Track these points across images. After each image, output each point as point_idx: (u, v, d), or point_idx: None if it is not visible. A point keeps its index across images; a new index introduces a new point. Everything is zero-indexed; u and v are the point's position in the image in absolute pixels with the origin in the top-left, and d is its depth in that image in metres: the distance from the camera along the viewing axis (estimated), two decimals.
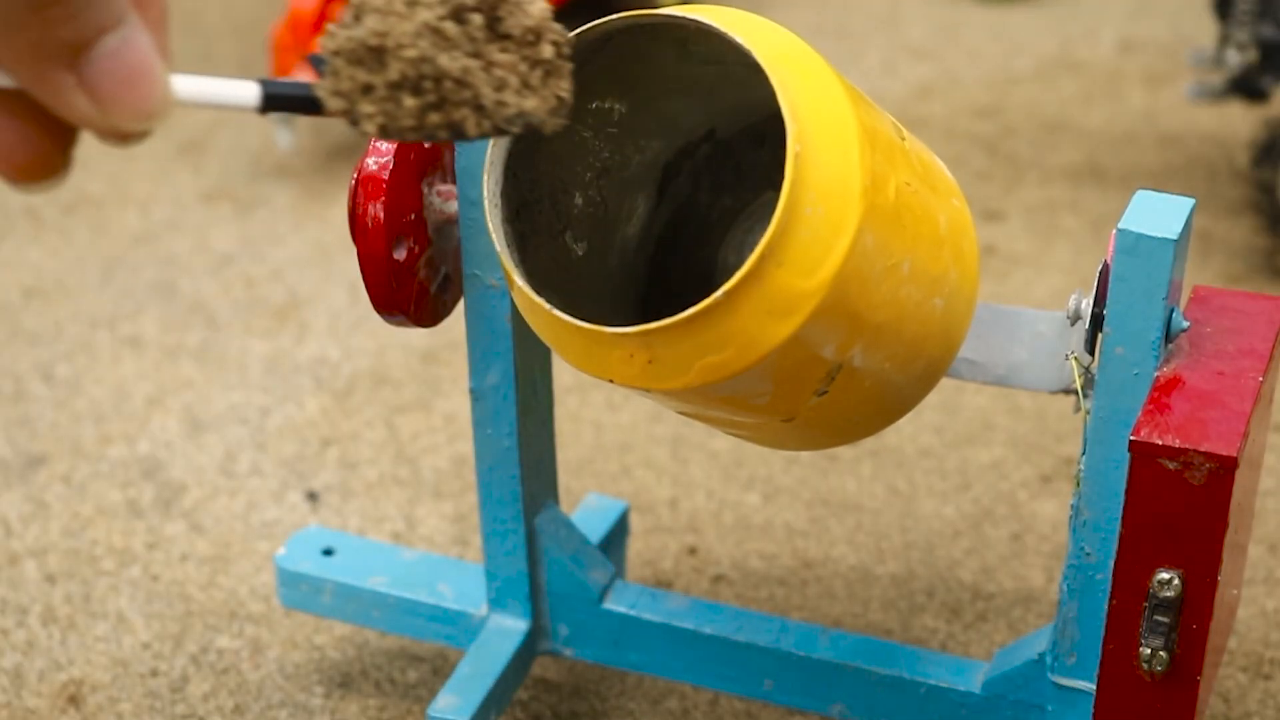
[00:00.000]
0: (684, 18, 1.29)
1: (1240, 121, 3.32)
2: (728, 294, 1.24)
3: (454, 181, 1.58)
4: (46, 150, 0.74)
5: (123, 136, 0.73)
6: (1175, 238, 1.38)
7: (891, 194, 1.31)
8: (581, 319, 1.32)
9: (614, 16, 1.31)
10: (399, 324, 1.58)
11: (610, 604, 1.77)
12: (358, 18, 0.75)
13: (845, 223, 1.26)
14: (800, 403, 1.36)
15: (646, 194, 1.60)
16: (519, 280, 1.31)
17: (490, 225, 1.32)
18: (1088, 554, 1.52)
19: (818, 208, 1.25)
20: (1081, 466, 1.49)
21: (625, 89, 1.47)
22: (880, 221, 1.29)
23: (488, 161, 1.33)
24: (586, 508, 2.00)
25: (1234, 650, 2.00)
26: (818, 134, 1.26)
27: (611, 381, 1.32)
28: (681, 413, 1.44)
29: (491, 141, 1.33)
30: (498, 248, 1.32)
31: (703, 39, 1.33)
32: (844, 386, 1.37)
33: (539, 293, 1.33)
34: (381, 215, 1.50)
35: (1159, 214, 1.41)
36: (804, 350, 1.29)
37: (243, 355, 2.62)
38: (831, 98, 1.28)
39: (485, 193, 1.33)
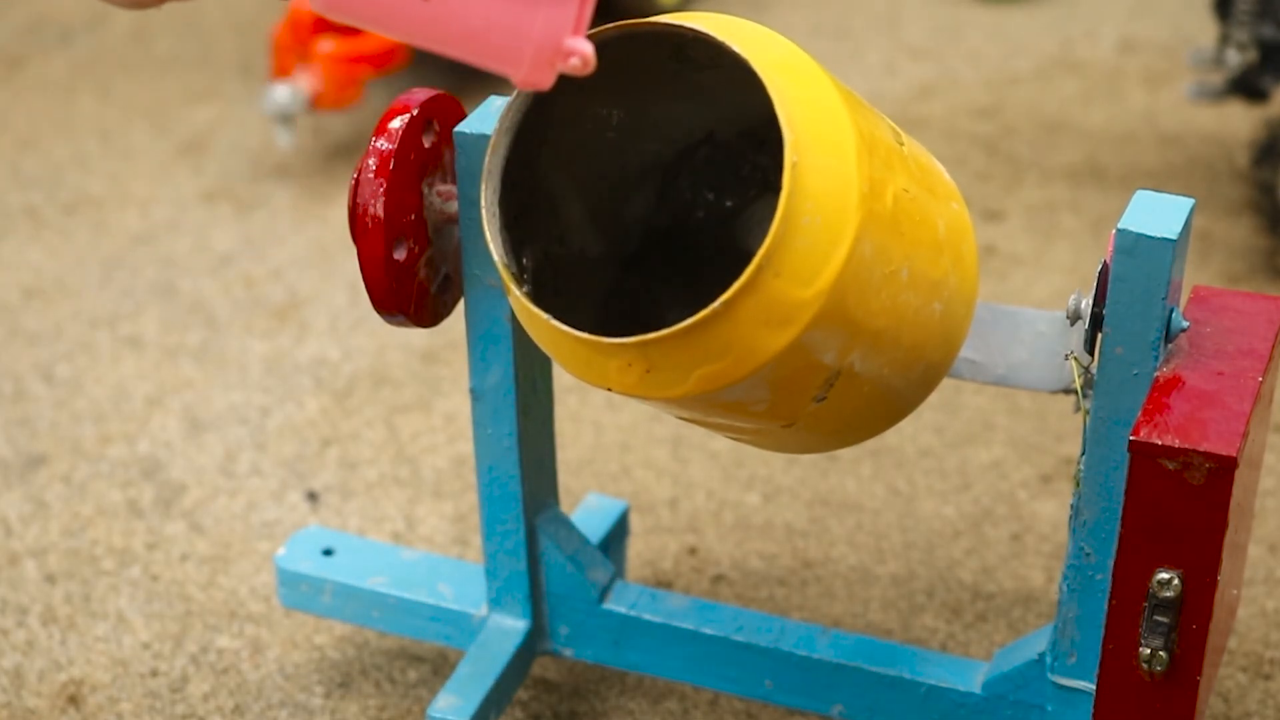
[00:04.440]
0: (681, 26, 1.29)
1: (1240, 121, 3.32)
2: (725, 304, 1.24)
3: (454, 181, 1.58)
4: None
5: None
6: (1175, 238, 1.38)
7: (889, 200, 1.31)
8: (580, 325, 1.32)
9: (612, 25, 1.31)
10: (399, 324, 1.58)
11: (610, 604, 1.77)
12: None
13: (843, 231, 1.26)
14: (799, 409, 1.36)
15: (645, 197, 1.60)
16: (517, 290, 1.31)
17: (488, 233, 1.32)
18: (1088, 554, 1.52)
19: (815, 217, 1.25)
20: (1081, 466, 1.49)
21: (623, 94, 1.47)
22: (878, 229, 1.29)
23: (485, 171, 1.33)
24: (586, 508, 2.00)
25: (1234, 650, 2.00)
26: (815, 143, 1.26)
27: (610, 390, 1.32)
28: (681, 418, 1.44)
29: (489, 150, 1.34)
30: (495, 256, 1.32)
31: (700, 45, 1.33)
32: (843, 392, 1.37)
33: (537, 299, 1.33)
34: (381, 215, 1.50)
35: (1159, 214, 1.41)
36: (802, 358, 1.29)
37: (243, 355, 2.62)
38: (828, 106, 1.28)
39: (483, 201, 1.33)
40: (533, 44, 0.79)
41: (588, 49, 0.80)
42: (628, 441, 2.39)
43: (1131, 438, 1.33)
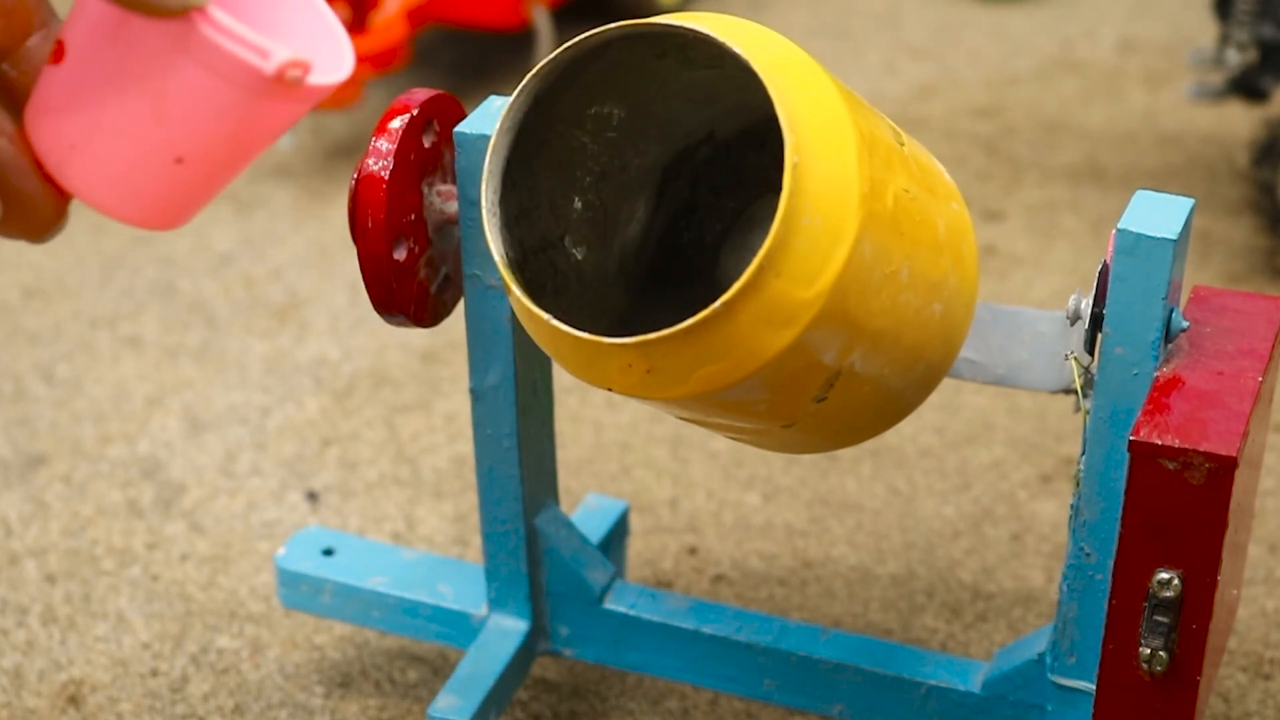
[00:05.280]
0: (682, 26, 1.29)
1: (1240, 121, 3.32)
2: (726, 305, 1.24)
3: (454, 182, 1.58)
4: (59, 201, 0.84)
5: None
6: (1175, 238, 1.38)
7: (890, 201, 1.31)
8: (581, 325, 1.32)
9: (613, 25, 1.31)
10: (399, 324, 1.58)
11: (610, 604, 1.77)
12: None
13: (844, 231, 1.26)
14: (799, 409, 1.36)
15: (646, 197, 1.60)
16: (517, 290, 1.31)
17: (488, 234, 1.32)
18: (1088, 554, 1.52)
19: (816, 217, 1.25)
20: (1081, 466, 1.49)
21: (624, 94, 1.47)
22: (879, 229, 1.29)
23: (485, 171, 1.33)
24: (586, 508, 2.00)
25: (1234, 650, 2.00)
26: (815, 143, 1.26)
27: (610, 390, 1.32)
28: (681, 418, 1.44)
29: (489, 149, 1.34)
30: (495, 257, 1.31)
31: (701, 45, 1.33)
32: (843, 393, 1.37)
33: (538, 299, 1.33)
34: (381, 215, 1.50)
35: (1159, 214, 1.41)
36: (803, 358, 1.29)
37: (243, 355, 2.62)
38: (829, 106, 1.28)
39: (483, 202, 1.33)
40: (273, 95, 0.80)
41: (282, 55, 0.79)
42: (628, 441, 2.39)
43: (1131, 438, 1.33)
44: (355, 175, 1.51)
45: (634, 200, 1.59)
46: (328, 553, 1.91)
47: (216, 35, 0.78)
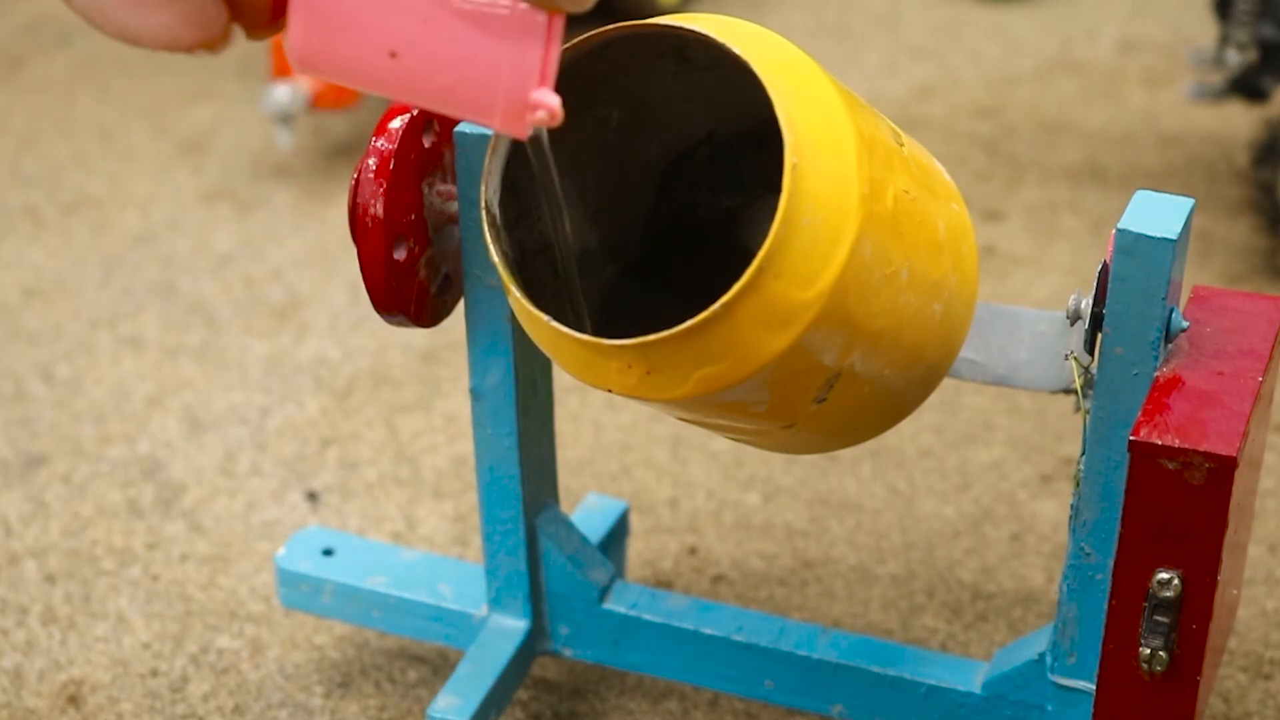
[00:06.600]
0: (681, 27, 1.29)
1: (1240, 121, 3.32)
2: (725, 306, 1.23)
3: (454, 181, 1.58)
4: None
5: None
6: (1175, 238, 1.38)
7: (890, 201, 1.31)
8: (580, 326, 1.32)
9: (612, 26, 1.31)
10: (399, 324, 1.58)
11: (610, 604, 1.77)
12: None
13: (843, 232, 1.26)
14: (799, 410, 1.36)
15: (646, 197, 1.60)
16: (517, 291, 1.31)
17: (488, 234, 1.32)
18: (1087, 554, 1.52)
19: (815, 218, 1.24)
20: (1081, 466, 1.49)
21: (623, 95, 1.47)
22: (879, 230, 1.29)
23: (485, 171, 1.33)
24: (586, 508, 2.00)
25: (1234, 650, 2.00)
26: (815, 144, 1.26)
27: (610, 391, 1.32)
28: (681, 419, 1.44)
29: (489, 150, 1.34)
30: (495, 257, 1.31)
31: (701, 46, 1.33)
32: (843, 393, 1.37)
33: (537, 300, 1.33)
34: (381, 215, 1.50)
35: (1159, 214, 1.41)
36: (802, 359, 1.29)
37: (243, 355, 2.62)
38: (829, 107, 1.28)
39: (483, 202, 1.33)
40: (501, 98, 0.82)
41: (553, 102, 0.82)
42: (628, 441, 2.39)
43: (1131, 438, 1.32)
44: (355, 175, 1.52)
45: (634, 200, 1.59)
46: (328, 553, 1.91)
47: (551, 42, 0.79)
